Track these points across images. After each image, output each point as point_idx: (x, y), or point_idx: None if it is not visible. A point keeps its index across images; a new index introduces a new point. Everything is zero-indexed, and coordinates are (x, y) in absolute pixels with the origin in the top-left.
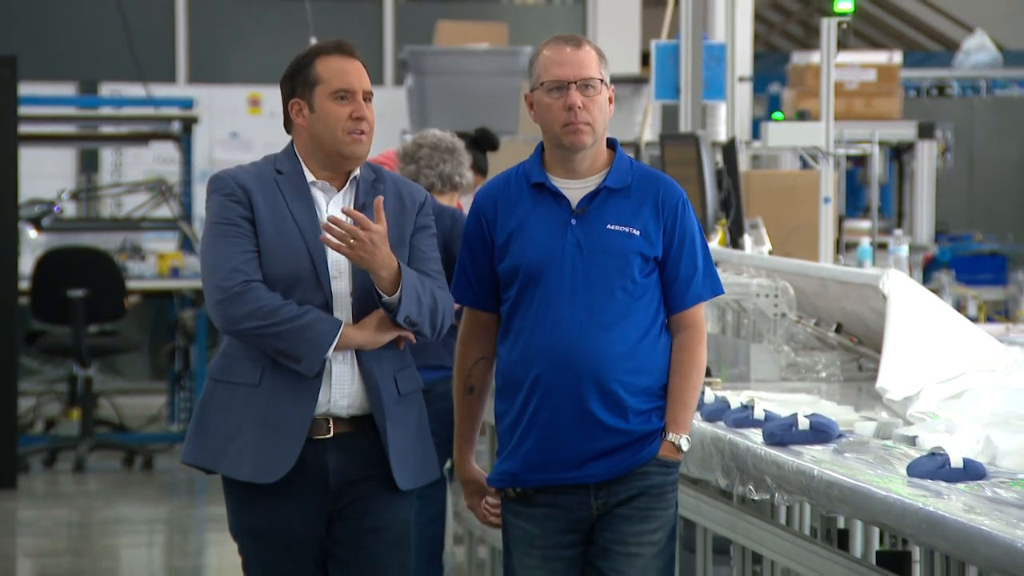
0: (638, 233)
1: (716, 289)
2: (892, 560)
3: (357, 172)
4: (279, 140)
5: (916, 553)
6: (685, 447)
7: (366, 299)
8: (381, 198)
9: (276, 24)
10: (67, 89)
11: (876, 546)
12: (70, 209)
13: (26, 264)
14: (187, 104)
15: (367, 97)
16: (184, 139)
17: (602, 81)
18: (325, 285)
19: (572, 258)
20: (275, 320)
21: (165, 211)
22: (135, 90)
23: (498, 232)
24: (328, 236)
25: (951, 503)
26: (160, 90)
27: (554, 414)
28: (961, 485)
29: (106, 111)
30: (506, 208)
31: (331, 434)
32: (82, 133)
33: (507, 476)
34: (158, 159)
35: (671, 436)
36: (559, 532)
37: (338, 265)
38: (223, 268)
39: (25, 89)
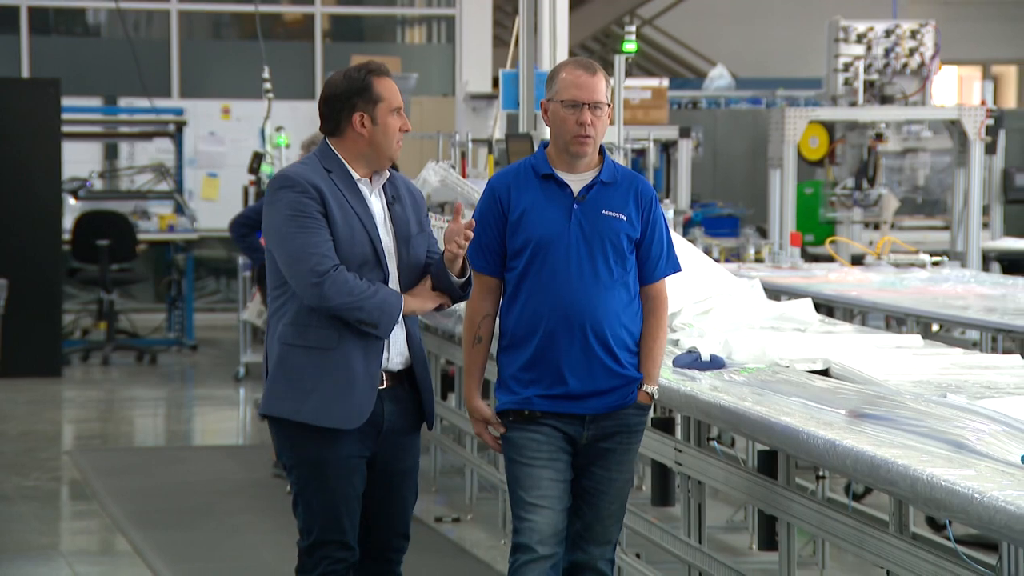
0: (625, 219)
1: (676, 268)
2: (662, 424)
3: (385, 172)
4: (242, 137)
5: (678, 419)
6: (655, 395)
7: (408, 275)
8: (460, 203)
9: (240, 57)
10: (95, 101)
11: (651, 415)
12: (98, 184)
13: (67, 222)
14: (179, 112)
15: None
16: (177, 136)
17: (608, 104)
18: (384, 265)
19: (576, 235)
20: (359, 297)
21: (164, 186)
22: (142, 102)
23: (512, 210)
24: (460, 242)
25: (702, 385)
26: (160, 102)
27: (562, 357)
28: (708, 372)
29: (122, 116)
30: (518, 191)
31: (385, 385)
32: (105, 132)
33: (519, 400)
34: (159, 150)
35: (646, 387)
36: (561, 441)
37: (388, 248)
38: (314, 255)
39: (66, 102)
